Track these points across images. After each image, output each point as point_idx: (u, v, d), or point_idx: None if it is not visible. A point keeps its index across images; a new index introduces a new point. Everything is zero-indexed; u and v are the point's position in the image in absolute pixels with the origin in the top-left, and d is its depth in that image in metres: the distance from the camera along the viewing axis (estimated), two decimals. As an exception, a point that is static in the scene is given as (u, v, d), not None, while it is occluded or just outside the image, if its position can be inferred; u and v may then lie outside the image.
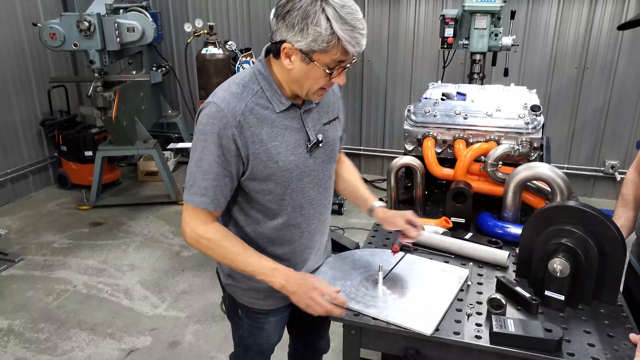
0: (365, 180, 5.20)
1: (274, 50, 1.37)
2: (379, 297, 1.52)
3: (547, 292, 1.47)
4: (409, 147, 2.18)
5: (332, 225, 3.80)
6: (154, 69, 5.25)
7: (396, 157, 2.10)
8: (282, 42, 1.31)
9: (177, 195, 4.70)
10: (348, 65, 1.36)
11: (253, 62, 4.37)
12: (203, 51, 3.81)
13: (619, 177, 4.72)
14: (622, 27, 1.59)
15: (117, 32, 3.98)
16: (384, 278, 1.60)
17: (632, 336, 1.33)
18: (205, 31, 3.88)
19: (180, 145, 4.06)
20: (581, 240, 1.44)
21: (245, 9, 5.40)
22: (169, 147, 3.91)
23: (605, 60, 4.55)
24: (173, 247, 3.98)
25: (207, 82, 3.79)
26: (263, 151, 1.39)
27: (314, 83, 1.36)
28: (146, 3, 5.22)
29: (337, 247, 3.68)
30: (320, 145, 1.50)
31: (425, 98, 2.31)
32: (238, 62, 3.83)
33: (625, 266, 1.67)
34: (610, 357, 1.28)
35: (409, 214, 1.63)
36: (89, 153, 4.82)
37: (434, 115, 2.13)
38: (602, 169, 4.81)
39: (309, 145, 1.47)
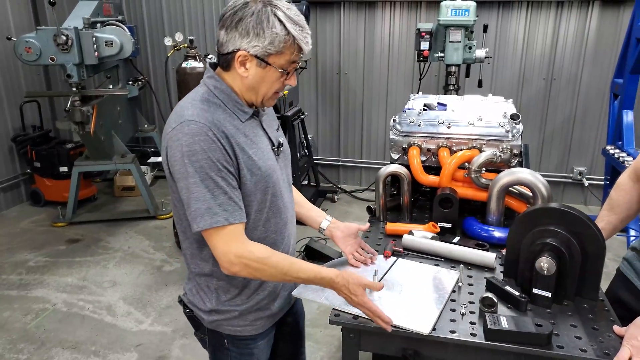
0: (344, 191, 5.29)
1: (224, 62, 1.40)
2: (376, 301, 1.57)
3: (534, 290, 1.55)
4: (395, 155, 2.25)
5: (314, 236, 3.85)
6: (130, 82, 5.21)
7: (374, 167, 2.18)
8: (236, 51, 1.35)
9: (155, 210, 4.67)
10: (299, 66, 1.43)
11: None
12: (183, 65, 3.83)
13: (586, 182, 4.93)
14: None
15: (95, 46, 3.96)
16: (378, 282, 1.65)
17: (616, 328, 1.42)
18: (186, 45, 3.90)
19: (160, 159, 4.03)
20: (565, 240, 1.53)
21: (222, 24, 5.44)
22: (149, 160, 3.89)
23: (570, 72, 4.77)
24: (154, 261, 3.94)
25: (188, 96, 3.81)
26: (247, 158, 1.40)
27: (270, 87, 1.41)
28: (122, 17, 5.20)
29: (321, 257, 3.72)
30: (281, 148, 1.57)
31: (408, 109, 2.39)
32: (218, 76, 3.85)
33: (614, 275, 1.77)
34: (597, 349, 1.36)
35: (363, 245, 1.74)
36: (64, 169, 4.75)
37: (419, 125, 2.21)
38: (571, 175, 5.02)
39: (275, 149, 1.52)
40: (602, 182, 4.53)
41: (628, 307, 1.59)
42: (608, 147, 4.08)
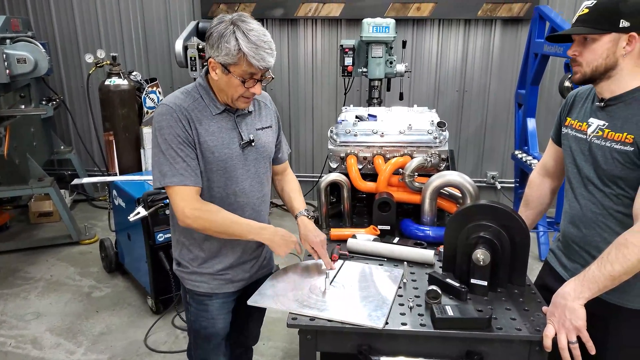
0: (276, 205, 5.33)
1: (207, 67, 1.71)
2: (330, 302, 1.64)
3: (472, 280, 1.70)
4: (334, 165, 2.35)
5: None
6: (43, 102, 4.93)
7: (304, 180, 2.27)
8: (209, 58, 1.66)
9: (78, 235, 4.42)
10: (262, 78, 1.67)
11: (159, 92, 4.36)
12: (107, 82, 3.71)
13: (499, 185, 5.35)
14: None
15: (5, 63, 3.73)
16: (330, 284, 1.73)
17: (544, 309, 1.59)
18: (108, 62, 3.78)
19: (86, 180, 3.84)
20: (496, 233, 1.69)
21: (142, 41, 5.33)
22: (73, 182, 3.69)
23: (480, 84, 5.19)
24: (82, 288, 3.73)
25: (113, 114, 3.69)
26: (203, 142, 1.70)
27: (234, 91, 1.67)
28: (32, 33, 4.92)
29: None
30: (253, 144, 1.80)
31: (343, 120, 2.51)
32: (144, 93, 3.77)
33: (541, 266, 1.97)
34: (529, 327, 1.52)
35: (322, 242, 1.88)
36: (-28, 196, 4.37)
37: (354, 135, 2.33)
38: (485, 179, 5.42)
39: (242, 143, 1.77)
40: (513, 185, 4.95)
41: (553, 292, 1.78)
42: (516, 152, 4.48)
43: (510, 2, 4.79)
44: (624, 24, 1.50)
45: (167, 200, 2.94)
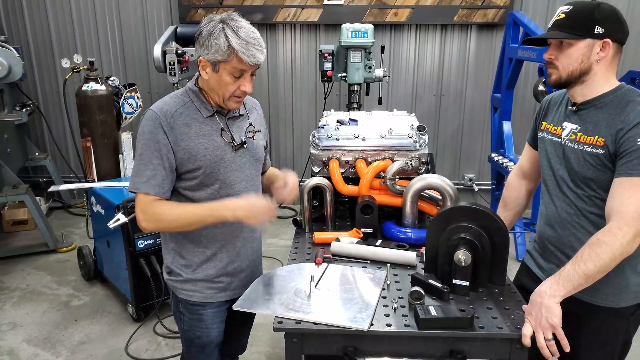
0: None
1: (198, 68, 1.71)
2: (315, 305, 1.66)
3: (454, 281, 1.73)
4: (316, 169, 2.37)
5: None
6: (17, 108, 4.83)
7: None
8: (198, 58, 1.66)
9: (55, 243, 4.34)
10: (252, 74, 1.68)
11: (138, 97, 4.32)
12: (84, 87, 3.66)
13: (476, 188, 5.44)
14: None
15: (-22, 69, 3.65)
16: (315, 287, 1.74)
17: (524, 307, 1.63)
18: (85, 67, 3.73)
19: (63, 187, 3.78)
20: (477, 234, 1.73)
21: (119, 46, 5.27)
22: (50, 189, 3.63)
23: (456, 89, 5.28)
24: (60, 297, 3.67)
25: (90, 119, 3.63)
26: (193, 147, 1.69)
27: (225, 89, 1.67)
28: (5, 37, 4.82)
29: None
30: (245, 146, 1.80)
31: (324, 125, 2.53)
32: (122, 98, 3.73)
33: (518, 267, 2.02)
34: (510, 325, 1.56)
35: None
36: (-58, 205, 4.26)
37: (336, 139, 2.36)
38: (463, 182, 5.51)
39: (235, 145, 1.78)
40: (490, 187, 5.05)
41: (530, 291, 1.83)
42: (493, 155, 4.57)
43: (485, 7, 4.90)
44: (598, 30, 1.55)
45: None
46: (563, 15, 1.61)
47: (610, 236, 1.48)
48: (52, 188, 3.61)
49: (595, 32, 1.56)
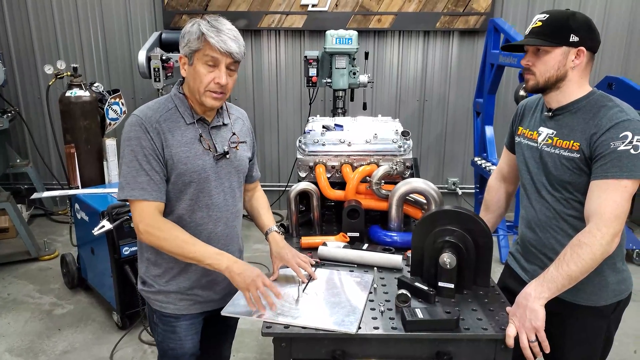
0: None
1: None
2: (303, 309, 1.67)
3: (440, 283, 1.76)
4: (303, 174, 2.39)
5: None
6: (-2, 114, 4.77)
7: (270, 190, 2.30)
8: (179, 56, 1.68)
9: (37, 251, 4.28)
10: (231, 69, 1.67)
11: (122, 103, 4.29)
12: (68, 94, 3.63)
13: (460, 191, 5.51)
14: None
15: (-42, 75, 3.60)
16: (303, 292, 1.76)
17: (508, 308, 1.67)
18: (69, 73, 3.70)
19: (47, 194, 3.73)
20: (461, 237, 1.76)
21: (103, 52, 5.24)
22: (33, 196, 3.58)
23: (439, 94, 5.35)
24: (42, 306, 3.61)
25: (74, 126, 3.60)
26: (175, 153, 1.67)
27: (199, 83, 1.64)
28: (-15, 44, 4.77)
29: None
30: (227, 157, 1.78)
31: (310, 130, 2.55)
32: (107, 104, 3.71)
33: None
34: (495, 326, 1.59)
35: (301, 256, 1.88)
36: None
37: (323, 145, 2.38)
38: (446, 185, 5.58)
39: (215, 155, 1.75)
40: (473, 190, 5.12)
41: (514, 293, 1.87)
42: (475, 159, 4.64)
43: (466, 14, 4.98)
44: (573, 38, 1.61)
45: (133, 213, 2.91)
46: (540, 23, 1.67)
47: (590, 237, 1.53)
48: (35, 195, 3.57)
49: (571, 40, 1.62)
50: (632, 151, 1.52)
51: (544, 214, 1.76)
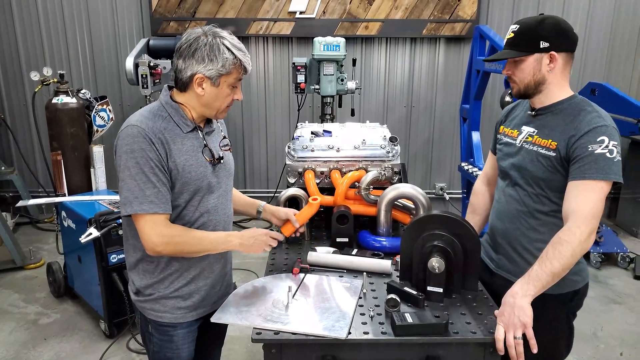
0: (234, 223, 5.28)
1: (182, 85, 1.69)
2: (293, 315, 1.67)
3: (429, 288, 1.77)
4: (292, 180, 2.39)
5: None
6: (-18, 121, 4.72)
7: (259, 197, 2.32)
8: (193, 75, 1.64)
9: (23, 260, 4.22)
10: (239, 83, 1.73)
11: (110, 110, 4.27)
12: (54, 100, 3.60)
13: (447, 196, 5.56)
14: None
15: (-58, 82, 3.55)
16: (292, 297, 1.76)
17: (496, 312, 1.68)
18: (55, 80, 3.67)
19: (33, 201, 3.68)
20: (449, 241, 1.78)
21: (90, 58, 5.21)
22: (19, 204, 3.54)
23: (426, 100, 5.40)
24: (28, 315, 3.56)
25: (60, 133, 3.57)
26: (179, 163, 1.67)
27: (222, 102, 1.71)
28: (-31, 50, 4.72)
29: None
30: (222, 162, 1.80)
31: (299, 136, 2.56)
32: (94, 111, 3.68)
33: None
34: (483, 329, 1.61)
35: (290, 212, 2.01)
36: None
37: (311, 150, 2.39)
38: (434, 191, 5.62)
39: (214, 161, 1.77)
40: (460, 195, 5.16)
41: (486, 284, 1.93)
42: (462, 164, 4.68)
43: (452, 21, 5.05)
44: (544, 44, 1.70)
45: (120, 221, 2.89)
46: (512, 35, 1.77)
47: (569, 234, 1.61)
48: (21, 203, 3.53)
49: (541, 46, 1.70)
50: (607, 154, 1.62)
51: (514, 207, 1.86)
